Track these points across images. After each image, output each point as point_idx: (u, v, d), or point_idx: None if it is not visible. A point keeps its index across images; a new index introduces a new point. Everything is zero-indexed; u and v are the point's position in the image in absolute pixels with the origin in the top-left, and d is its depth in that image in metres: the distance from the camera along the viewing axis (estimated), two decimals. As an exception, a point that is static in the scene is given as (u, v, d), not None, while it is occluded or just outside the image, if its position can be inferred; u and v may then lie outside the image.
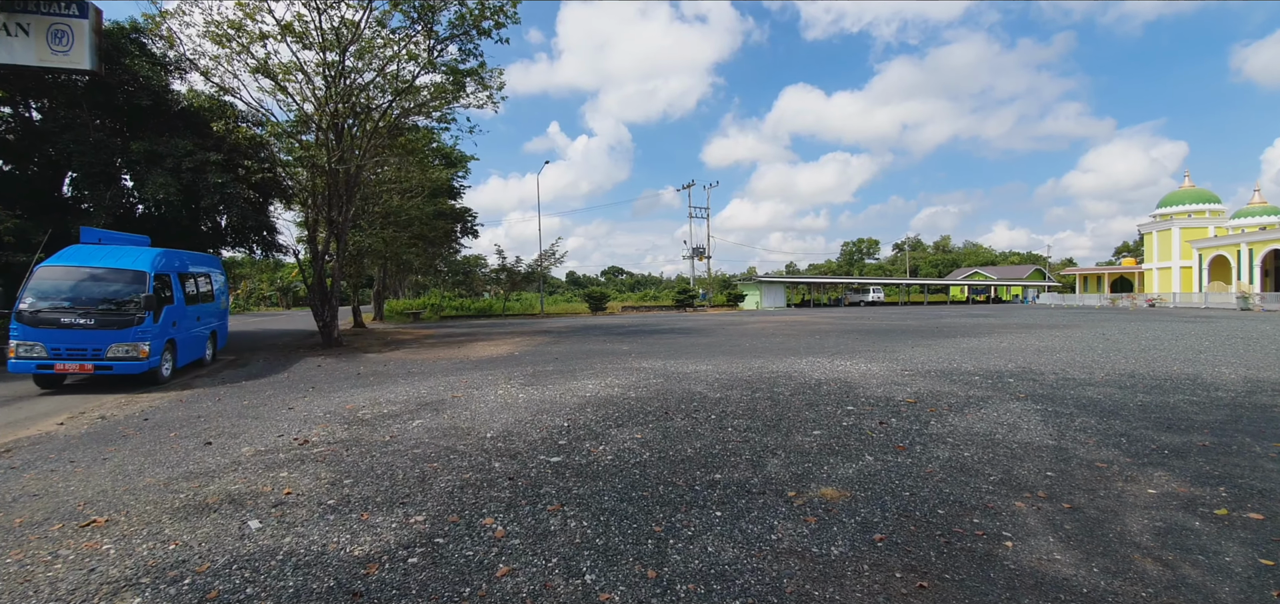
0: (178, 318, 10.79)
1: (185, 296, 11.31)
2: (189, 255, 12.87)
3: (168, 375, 10.25)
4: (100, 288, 9.71)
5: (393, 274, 34.34)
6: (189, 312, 11.48)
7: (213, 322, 13.23)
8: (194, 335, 11.84)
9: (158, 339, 9.79)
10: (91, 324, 9.25)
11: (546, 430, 5.89)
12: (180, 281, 11.25)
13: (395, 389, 8.68)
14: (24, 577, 3.01)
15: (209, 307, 12.95)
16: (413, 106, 17.73)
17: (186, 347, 11.32)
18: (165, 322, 10.17)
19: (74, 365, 9.17)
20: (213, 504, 3.97)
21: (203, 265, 13.26)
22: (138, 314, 9.44)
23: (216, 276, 13.96)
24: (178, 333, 10.77)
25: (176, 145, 15.18)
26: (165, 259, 10.94)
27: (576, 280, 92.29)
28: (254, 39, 14.75)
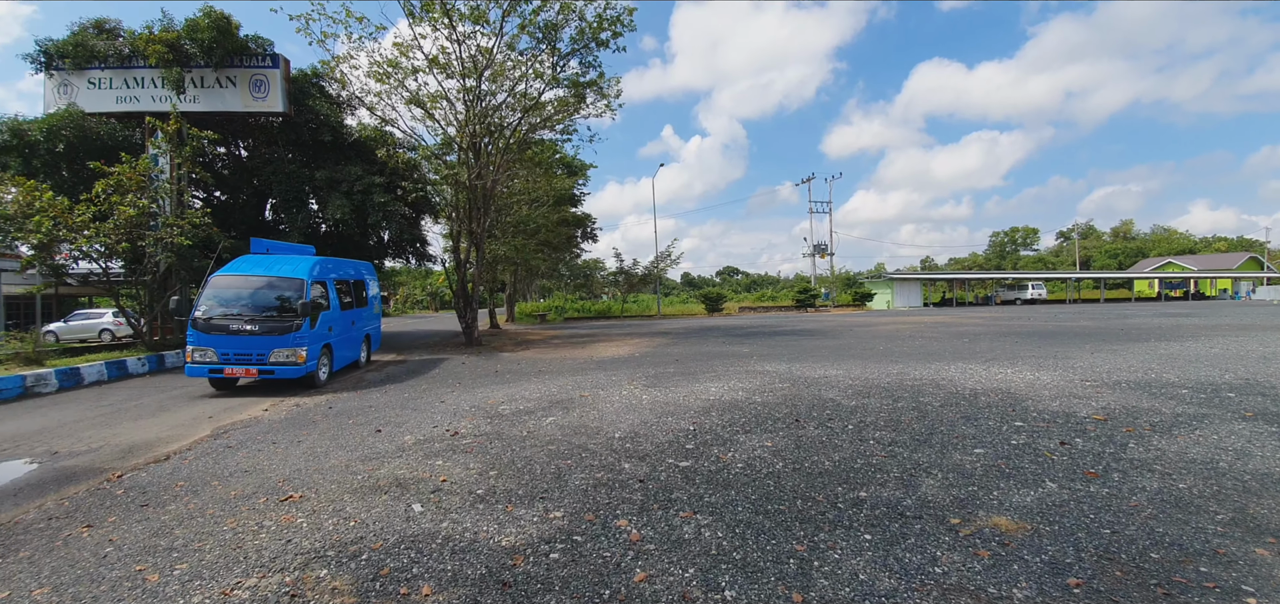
0: (333, 323, 10.98)
1: (340, 303, 11.54)
2: (344, 263, 13.24)
3: (324, 379, 10.49)
4: (263, 296, 10.07)
5: (522, 279, 36.89)
6: (344, 317, 11.71)
7: (366, 326, 13.45)
8: (349, 340, 12.03)
9: (314, 344, 9.98)
10: (256, 330, 9.57)
11: (672, 433, 5.85)
12: (335, 288, 11.41)
13: (528, 387, 9.21)
14: (236, 543, 3.57)
15: (363, 312, 13.20)
16: (539, 122, 18.89)
17: (342, 351, 11.54)
18: (321, 327, 10.35)
19: (241, 370, 9.51)
20: (383, 487, 4.44)
21: (356, 272, 13.54)
22: (295, 321, 9.68)
23: (370, 283, 14.26)
24: (333, 338, 10.94)
25: (349, 172, 17.63)
26: (321, 267, 11.12)
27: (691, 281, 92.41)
28: (407, 74, 16.65)
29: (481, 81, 16.66)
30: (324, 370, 10.50)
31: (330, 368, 10.88)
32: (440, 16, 15.34)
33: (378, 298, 15.09)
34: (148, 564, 3.28)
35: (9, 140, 16.53)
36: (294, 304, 9.83)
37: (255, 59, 17.86)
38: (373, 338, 14.11)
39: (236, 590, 2.96)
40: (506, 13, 15.75)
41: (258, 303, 10.00)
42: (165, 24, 17.34)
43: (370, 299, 14.06)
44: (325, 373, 10.56)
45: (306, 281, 10.12)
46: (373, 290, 14.46)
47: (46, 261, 14.12)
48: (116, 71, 18.00)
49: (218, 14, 16.96)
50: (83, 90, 17.80)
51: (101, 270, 15.35)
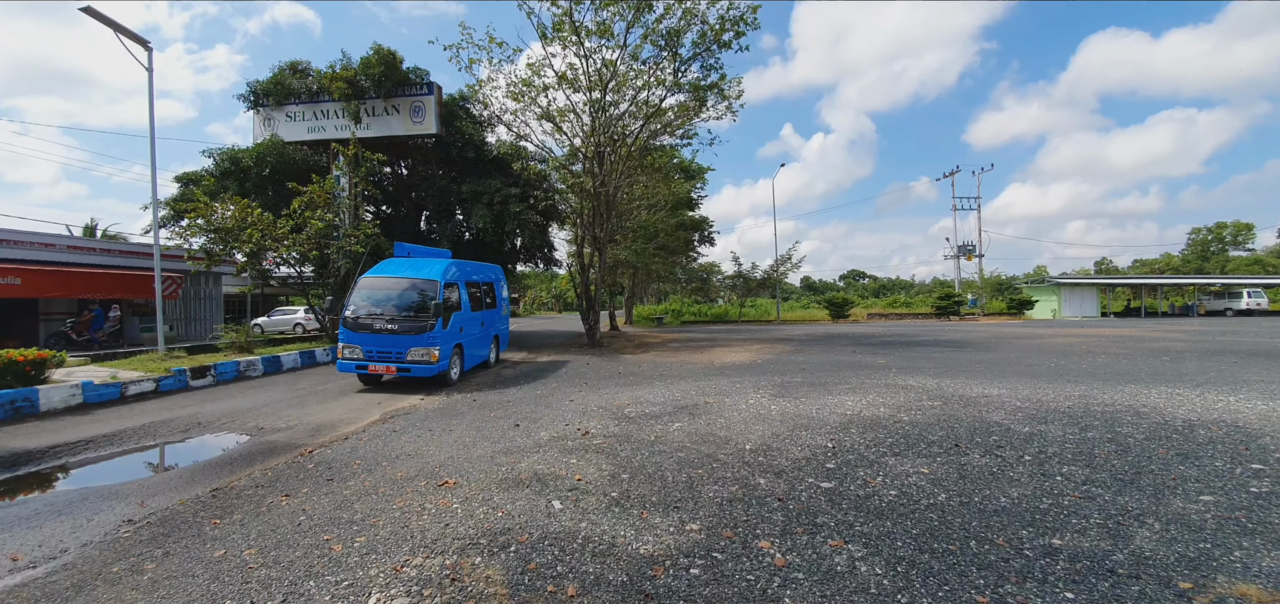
0: (465, 324, 11.20)
1: (471, 304, 11.77)
2: (475, 266, 13.48)
3: (456, 378, 10.74)
4: (402, 297, 10.42)
5: (640, 282, 37.67)
6: (474, 318, 11.93)
7: (495, 327, 13.66)
8: (479, 340, 12.31)
9: (446, 344, 10.18)
10: (395, 329, 9.90)
11: (809, 449, 5.46)
12: (467, 290, 11.67)
13: (652, 390, 9.25)
14: (403, 522, 3.89)
15: (492, 313, 13.45)
16: (659, 127, 19.12)
17: (473, 350, 11.83)
18: (453, 328, 10.56)
19: (382, 367, 9.87)
20: (525, 480, 4.64)
21: (487, 275, 13.78)
22: (429, 321, 9.93)
23: (499, 285, 14.48)
24: (465, 338, 11.17)
25: (490, 184, 19.18)
26: (454, 270, 11.42)
27: (812, 286, 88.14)
28: (539, 91, 17.74)
29: (606, 93, 17.24)
30: (455, 369, 10.73)
31: (462, 367, 11.15)
32: (569, 34, 16.13)
33: (506, 300, 15.39)
34: (333, 535, 3.69)
35: (227, 166, 20.29)
36: (428, 305, 10.10)
37: (414, 88, 20.19)
38: (502, 339, 14.34)
39: (406, 567, 3.20)
40: (631, 24, 16.15)
41: (397, 303, 10.32)
42: (345, 63, 20.19)
43: (499, 301, 14.31)
44: (457, 372, 10.83)
45: (440, 283, 10.38)
46: (501, 293, 14.68)
47: (255, 267, 17.08)
48: (307, 106, 21.34)
49: (386, 51, 19.39)
50: (282, 122, 21.34)
51: (296, 274, 18.22)
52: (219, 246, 16.53)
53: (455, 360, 10.72)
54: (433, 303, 10.11)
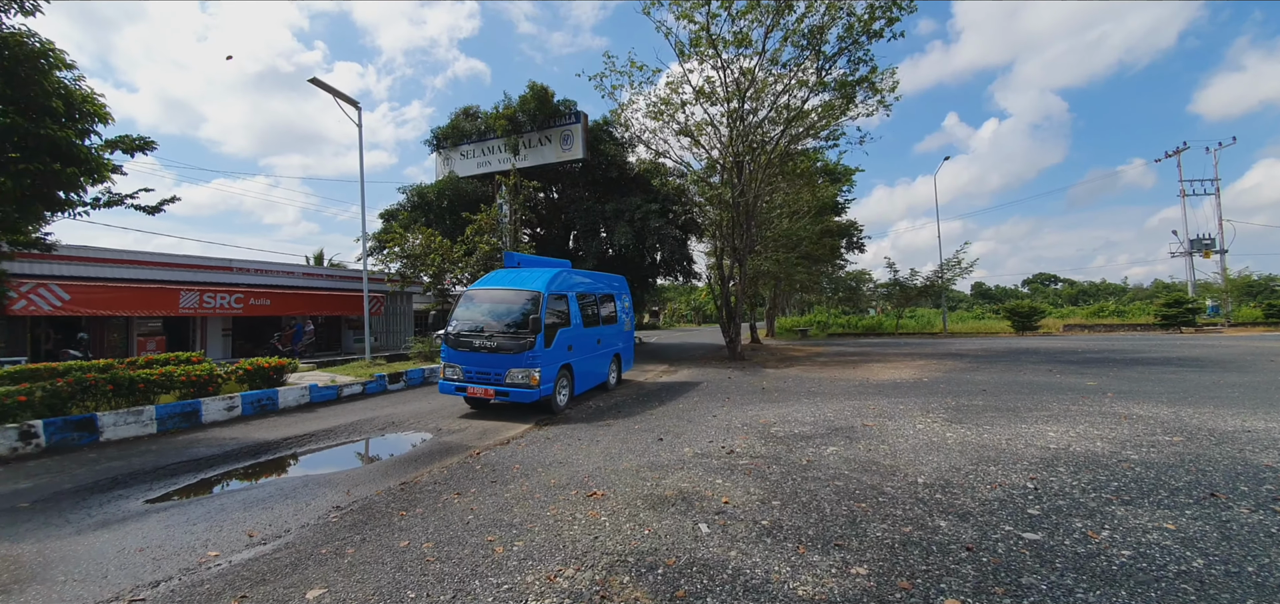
0: (574, 341, 9.80)
1: (583, 318, 10.30)
2: (590, 275, 11.87)
3: (563, 404, 9.32)
4: (501, 311, 9.24)
5: (782, 293, 36.21)
6: (587, 335, 10.43)
7: (616, 344, 11.97)
8: (594, 359, 10.75)
9: (549, 365, 8.85)
10: (493, 348, 8.76)
11: (1002, 489, 4.61)
12: (578, 303, 10.24)
13: (800, 408, 8.67)
14: (556, 530, 3.99)
15: (611, 329, 11.77)
16: (801, 131, 18.23)
17: (586, 372, 10.32)
18: (559, 347, 9.18)
19: (481, 390, 8.72)
20: (670, 498, 4.54)
21: (605, 285, 12.09)
22: (529, 338, 8.61)
23: (620, 297, 12.75)
24: (575, 358, 9.76)
25: (631, 202, 19.89)
26: (561, 280, 9.94)
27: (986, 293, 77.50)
28: (677, 108, 17.99)
29: (744, 102, 16.91)
30: (563, 394, 9.33)
31: (571, 391, 9.67)
32: (706, 48, 16.14)
33: (629, 313, 13.37)
34: (495, 536, 3.92)
35: (416, 201, 23.63)
36: (528, 320, 8.75)
37: (564, 119, 21.79)
38: (625, 358, 12.56)
39: (558, 577, 3.26)
40: (770, 29, 15.68)
41: (497, 318, 9.16)
42: (506, 103, 22.47)
43: (620, 314, 12.49)
44: (565, 397, 9.40)
45: (543, 295, 9.04)
46: (624, 305, 12.91)
47: (437, 286, 19.59)
48: (476, 144, 24.09)
49: (539, 87, 21.21)
50: (457, 160, 24.35)
51: (467, 293, 20.60)
52: (410, 270, 19.32)
53: (563, 384, 9.36)
54: (532, 318, 8.75)
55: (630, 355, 13.19)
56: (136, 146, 10.62)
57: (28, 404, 7.38)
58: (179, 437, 7.88)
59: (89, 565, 3.73)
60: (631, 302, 13.69)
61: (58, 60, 8.28)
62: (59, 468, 6.30)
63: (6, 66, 7.62)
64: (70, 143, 8.61)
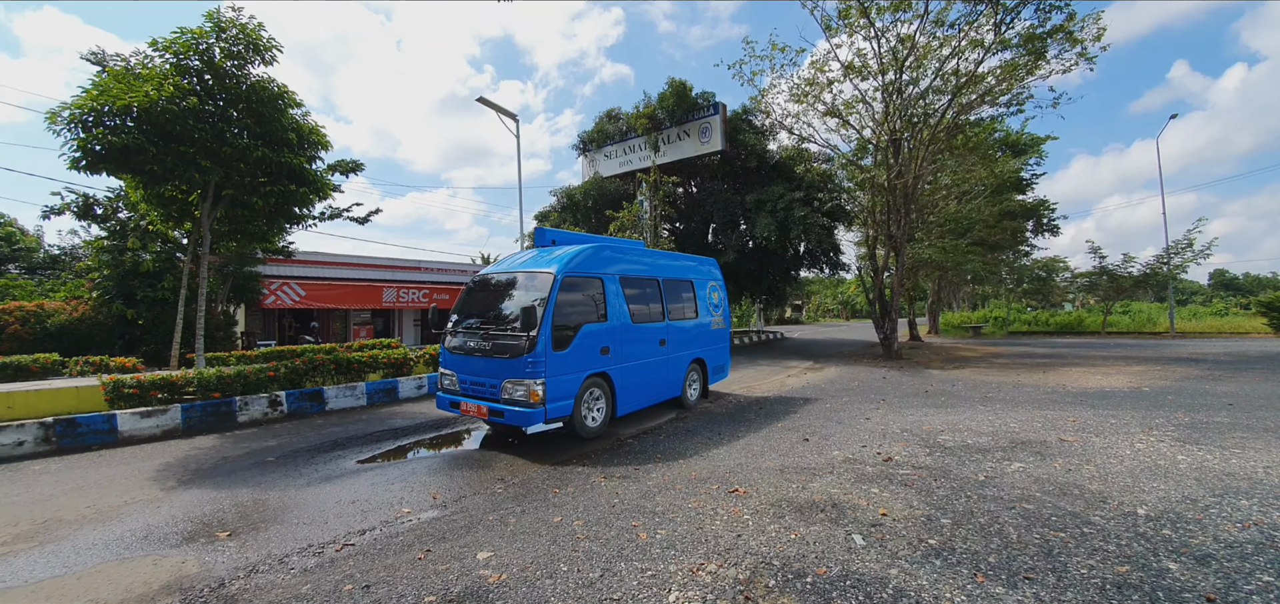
0: (616, 343, 7.11)
1: (631, 312, 7.50)
2: (652, 255, 8.83)
3: (597, 426, 6.79)
4: (504, 302, 6.78)
5: (948, 285, 32.34)
6: (641, 333, 7.64)
7: (694, 347, 8.97)
8: (654, 367, 7.89)
9: (565, 376, 6.28)
10: (489, 350, 6.39)
11: (1260, 529, 3.58)
12: (622, 292, 7.44)
13: (974, 415, 7.62)
14: (698, 523, 3.95)
15: (686, 326, 8.79)
16: (974, 99, 15.97)
17: (638, 384, 7.55)
18: (584, 349, 6.57)
19: (474, 407, 6.37)
20: (819, 503, 4.26)
21: (675, 269, 9.02)
22: (527, 338, 6.03)
23: (704, 285, 9.68)
24: (616, 365, 7.10)
25: (772, 192, 19.19)
26: (590, 260, 7.09)
27: (1229, 283, 61.51)
28: (823, 88, 16.87)
29: (902, 72, 15.31)
30: (595, 415, 6.82)
31: (611, 409, 7.05)
32: (857, 18, 14.90)
33: (721, 306, 10.12)
34: (639, 522, 4.01)
35: (566, 202, 25.31)
36: (531, 312, 6.12)
37: (702, 111, 21.75)
38: (712, 364, 9.53)
39: (701, 570, 3.23)
40: (933, -15, 13.97)
41: (498, 313, 6.71)
42: (646, 102, 23.04)
43: (702, 307, 9.40)
44: (599, 418, 6.88)
45: (556, 278, 6.37)
46: (711, 295, 9.82)
47: (586, 282, 20.84)
48: (619, 144, 25.07)
49: (678, 83, 21.41)
50: (600, 161, 25.57)
51: (612, 287, 21.59)
52: (560, 266, 20.85)
53: (594, 400, 6.84)
54: (535, 310, 6.15)
55: (723, 360, 9.97)
56: (350, 169, 12.85)
57: (275, 378, 9.31)
58: (382, 409, 9.37)
59: (315, 512, 4.57)
60: (724, 291, 10.47)
61: (291, 100, 10.29)
62: (295, 430, 7.84)
63: (255, 108, 9.66)
64: (303, 168, 10.67)
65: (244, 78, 9.56)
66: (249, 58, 9.54)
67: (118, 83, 8.59)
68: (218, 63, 9.23)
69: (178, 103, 8.66)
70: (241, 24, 9.31)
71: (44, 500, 4.97)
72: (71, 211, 14.69)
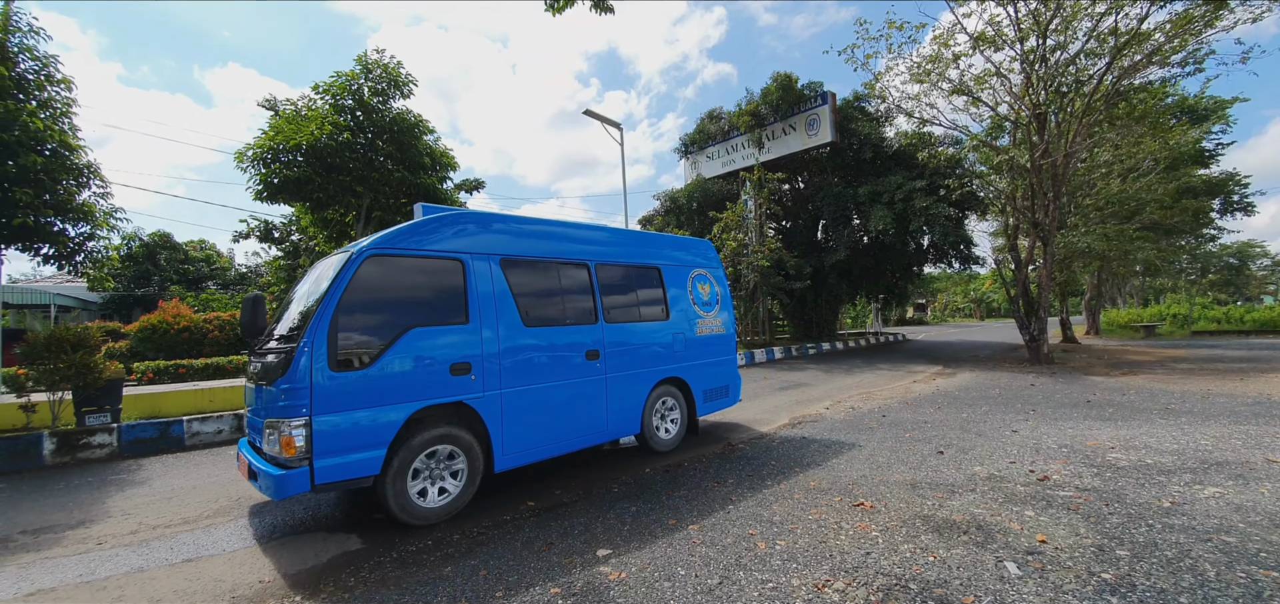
0: (480, 357, 4.60)
1: (521, 312, 4.96)
2: (574, 229, 5.89)
3: (440, 503, 4.38)
4: (291, 305, 4.70)
5: (1109, 278, 27.99)
6: (542, 342, 5.10)
7: (663, 365, 6.26)
8: (570, 394, 5.26)
9: (346, 413, 3.92)
10: (257, 375, 4.38)
11: None
12: (507, 278, 4.93)
13: (1152, 430, 6.49)
14: (821, 537, 3.74)
15: (646, 333, 6.14)
16: (1138, 61, 13.65)
17: (536, 423, 4.96)
18: (402, 371, 4.18)
19: (245, 457, 4.34)
20: (960, 524, 3.86)
21: (624, 249, 6.26)
22: (282, 358, 3.97)
23: (685, 275, 6.80)
24: (482, 391, 4.59)
25: (889, 182, 17.88)
26: (433, 232, 4.62)
27: None
28: (948, 64, 15.37)
29: (1045, 37, 13.51)
30: (435, 481, 4.42)
31: (479, 467, 4.57)
32: (989, -19, 13.42)
33: (714, 304, 7.14)
34: (757, 531, 3.89)
35: (669, 205, 25.50)
36: (302, 318, 4.15)
37: (809, 103, 20.84)
38: (698, 385, 6.66)
39: (827, 587, 3.05)
40: (1086, -67, 12.18)
41: (284, 327, 4.42)
42: (749, 99, 22.58)
43: (680, 305, 6.60)
44: (446, 487, 4.46)
45: (355, 257, 4.16)
46: (697, 289, 6.92)
47: (690, 284, 20.83)
48: (720, 144, 24.79)
49: (783, 76, 20.72)
50: (703, 163, 25.44)
51: (717, 289, 21.37)
52: (665, 270, 21.07)
53: (434, 456, 4.40)
54: (311, 309, 4.07)
55: (724, 379, 7.12)
56: (473, 186, 13.99)
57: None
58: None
59: (455, 500, 4.97)
60: (725, 286, 7.45)
61: (425, 128, 11.44)
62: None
63: (396, 137, 10.85)
64: (435, 187, 11.80)
65: (387, 111, 10.82)
66: (391, 93, 10.78)
67: (289, 125, 10.10)
68: (366, 100, 10.53)
69: (336, 138, 10.00)
70: (384, 64, 10.54)
71: (237, 481, 5.94)
72: (255, 235, 17.56)
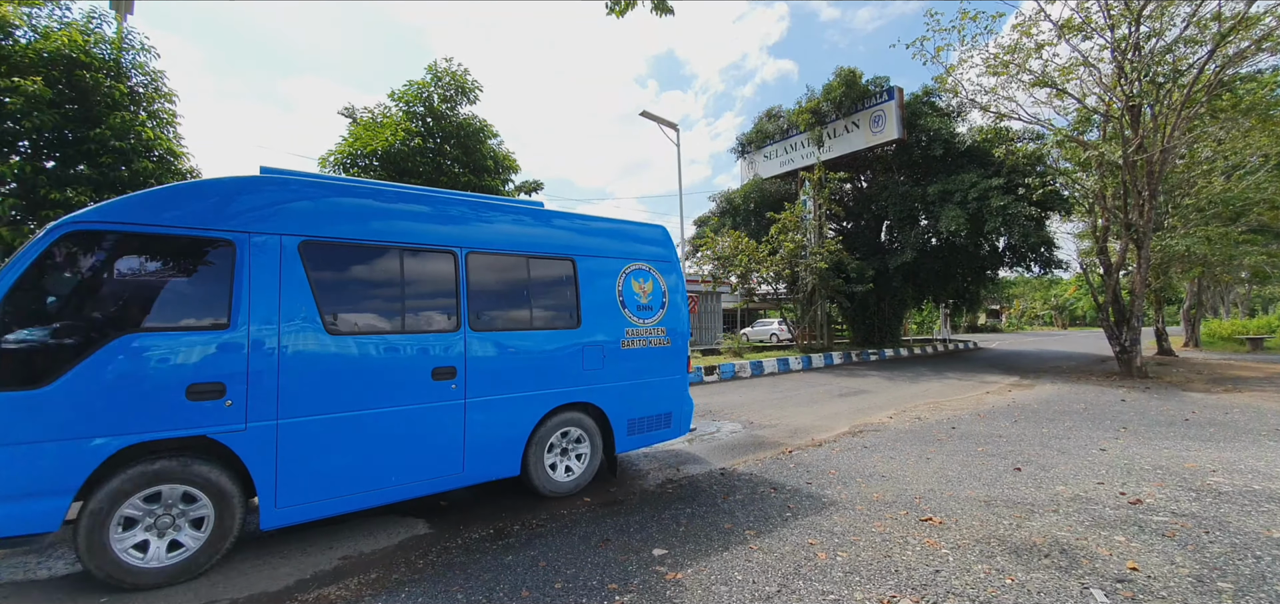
0: (253, 374, 3.44)
1: (322, 315, 3.71)
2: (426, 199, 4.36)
3: (161, 564, 3.25)
4: None
5: (1214, 284, 25.37)
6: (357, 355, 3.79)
7: (565, 386, 4.84)
8: (398, 427, 3.94)
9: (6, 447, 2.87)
10: None
11: None
12: (305, 268, 3.69)
13: (1260, 454, 5.84)
14: (886, 552, 3.60)
15: (553, 344, 4.80)
16: (1245, 47, 12.26)
17: (340, 464, 3.72)
18: (111, 389, 3.07)
19: None
20: (1040, 546, 3.62)
21: (515, 232, 4.76)
22: None
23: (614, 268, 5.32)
24: (250, 423, 3.42)
25: (961, 180, 16.94)
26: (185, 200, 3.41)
27: None
28: (1030, 54, 14.39)
29: (1139, 23, 12.41)
30: (172, 543, 3.31)
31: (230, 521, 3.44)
32: (1077, -35, 12.46)
33: (655, 307, 5.55)
34: (816, 541, 3.80)
35: (726, 207, 25.22)
36: None
37: (873, 99, 20.08)
38: (619, 412, 5.18)
39: (890, 605, 2.95)
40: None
41: None
42: (810, 96, 22.00)
43: (597, 308, 5.11)
44: (184, 553, 3.32)
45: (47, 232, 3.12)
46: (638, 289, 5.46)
47: (744, 285, 20.51)
48: (779, 143, 24.28)
49: (846, 71, 20.06)
50: (760, 163, 25.00)
51: (773, 290, 20.91)
52: (720, 271, 20.85)
53: (157, 505, 3.27)
54: None
55: (670, 404, 5.59)
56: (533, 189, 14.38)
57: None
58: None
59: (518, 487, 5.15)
60: (677, 286, 5.79)
61: (489, 132, 11.86)
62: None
63: (463, 141, 11.32)
64: (498, 190, 12.21)
65: (454, 117, 11.32)
66: (458, 99, 11.27)
67: (366, 132, 10.75)
68: (436, 107, 11.06)
69: (408, 144, 10.55)
70: (453, 72, 11.04)
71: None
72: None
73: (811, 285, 19.19)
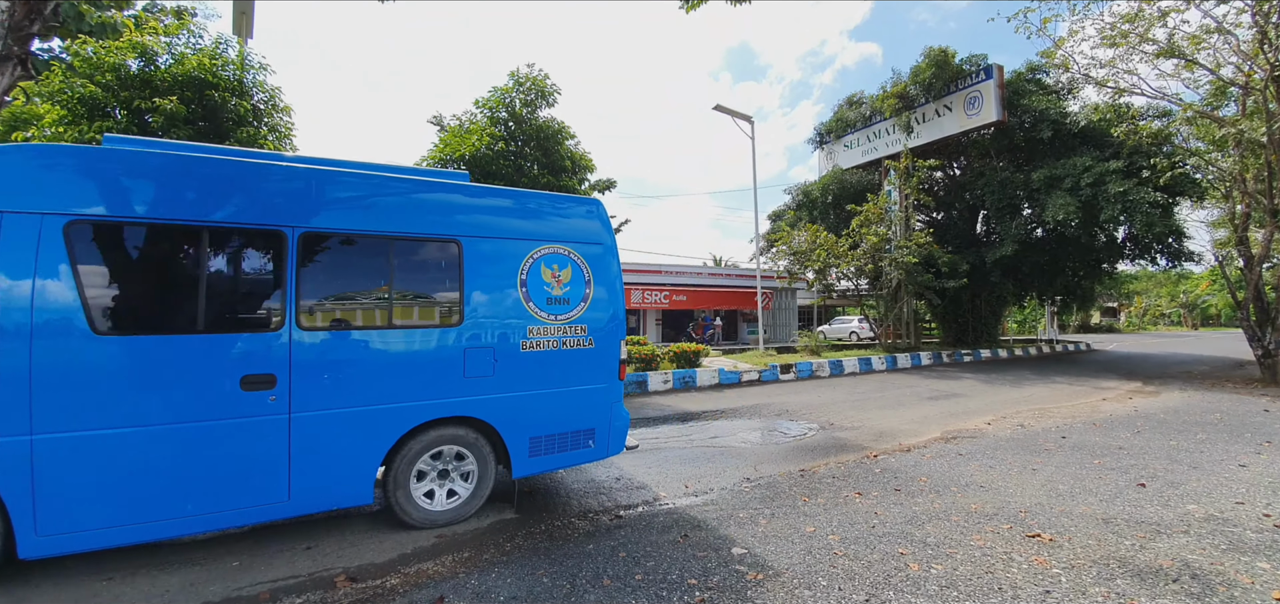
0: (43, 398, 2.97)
1: (88, 311, 3.10)
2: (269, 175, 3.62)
3: None
4: None
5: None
6: (136, 359, 3.21)
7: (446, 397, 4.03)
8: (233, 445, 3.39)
9: None
10: None
11: None
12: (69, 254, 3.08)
13: None
14: (987, 568, 3.37)
15: (421, 344, 3.99)
16: None
17: (143, 488, 3.19)
18: None
19: None
20: (1168, 570, 3.25)
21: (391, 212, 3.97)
22: None
23: (520, 249, 4.40)
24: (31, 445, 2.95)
25: (1073, 164, 15.40)
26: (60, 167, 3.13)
27: None
28: (1153, 22, 12.79)
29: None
30: None
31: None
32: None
33: (574, 300, 4.59)
34: (908, 551, 3.63)
35: (801, 199, 24.39)
36: None
37: (968, 80, 18.67)
38: (515, 428, 4.27)
39: (991, 623, 2.77)
40: None
41: None
42: (896, 80, 20.79)
43: (486, 303, 4.21)
44: None
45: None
46: (552, 279, 4.51)
47: (822, 281, 19.78)
48: (861, 132, 23.16)
49: (937, 51, 18.78)
50: (840, 152, 23.98)
51: (853, 286, 20.01)
52: (796, 267, 20.24)
53: None
54: None
55: (589, 419, 4.65)
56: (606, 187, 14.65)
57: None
58: (635, 399, 10.43)
59: (586, 484, 5.31)
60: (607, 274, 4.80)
61: (566, 134, 12.21)
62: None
63: (542, 143, 11.73)
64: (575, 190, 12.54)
65: (534, 120, 11.77)
66: (538, 103, 11.72)
67: (454, 138, 11.41)
68: (517, 111, 11.55)
69: (492, 148, 11.10)
70: (533, 77, 11.49)
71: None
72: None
73: (897, 281, 18.18)
